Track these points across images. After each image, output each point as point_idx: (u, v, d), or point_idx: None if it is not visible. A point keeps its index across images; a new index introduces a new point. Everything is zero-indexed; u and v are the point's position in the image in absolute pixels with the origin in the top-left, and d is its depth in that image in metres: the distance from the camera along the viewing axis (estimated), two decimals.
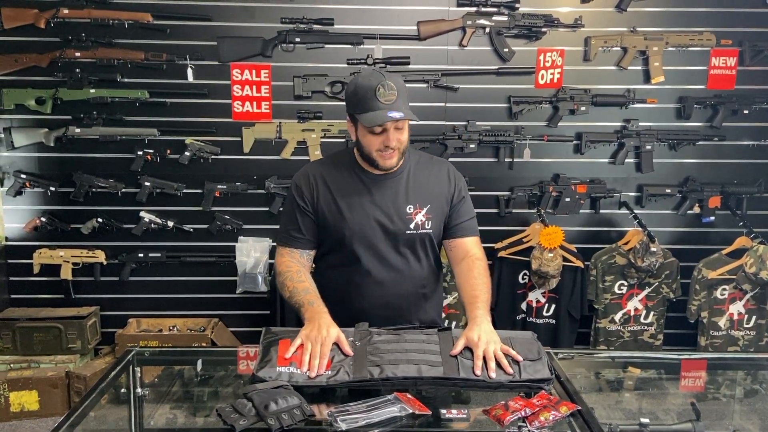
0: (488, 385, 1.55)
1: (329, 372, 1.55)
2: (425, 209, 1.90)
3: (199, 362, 2.05)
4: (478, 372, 1.55)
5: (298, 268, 1.88)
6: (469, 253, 1.94)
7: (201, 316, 3.49)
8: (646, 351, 3.33)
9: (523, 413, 1.42)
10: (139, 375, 1.80)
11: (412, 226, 1.89)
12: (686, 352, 2.43)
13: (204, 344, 3.26)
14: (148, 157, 3.30)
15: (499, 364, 1.58)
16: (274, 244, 3.34)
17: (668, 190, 3.45)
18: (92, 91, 3.25)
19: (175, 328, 3.42)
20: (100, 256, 3.38)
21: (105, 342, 3.46)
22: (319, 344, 1.58)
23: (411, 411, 1.43)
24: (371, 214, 1.88)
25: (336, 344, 1.61)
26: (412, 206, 1.90)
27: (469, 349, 1.62)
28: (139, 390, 1.76)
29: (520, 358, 1.61)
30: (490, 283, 1.92)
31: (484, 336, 1.63)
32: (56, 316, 3.28)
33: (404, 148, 1.85)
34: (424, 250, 1.95)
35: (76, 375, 3.17)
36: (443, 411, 1.46)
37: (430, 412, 1.45)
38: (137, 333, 3.36)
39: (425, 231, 1.91)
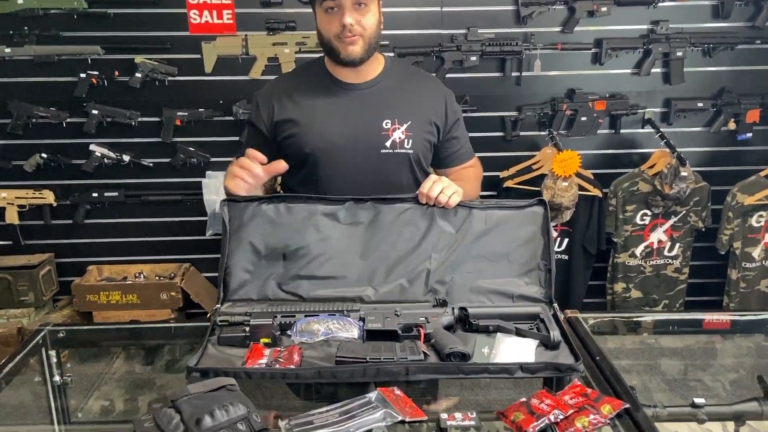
0: (500, 370, 1.18)
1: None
2: (405, 125, 1.65)
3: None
4: (422, 199, 1.49)
5: None
6: None
7: (171, 261, 3.12)
8: (670, 287, 3.01)
9: (552, 418, 1.04)
10: (54, 360, 1.43)
11: (388, 144, 1.65)
12: (738, 314, 2.02)
13: (173, 293, 2.91)
14: (93, 80, 2.84)
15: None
16: None
17: (700, 104, 2.99)
18: (20, 1, 2.74)
19: (142, 275, 3.05)
20: (49, 197, 2.97)
21: (64, 292, 3.10)
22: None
23: (400, 417, 1.05)
24: (338, 128, 1.64)
25: None
26: (389, 121, 1.65)
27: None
28: (57, 378, 1.39)
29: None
30: (478, 190, 1.83)
31: (442, 181, 1.50)
32: (4, 266, 2.94)
33: (370, 35, 1.58)
34: (404, 175, 1.69)
35: (30, 331, 2.83)
36: (444, 416, 1.08)
37: (426, 418, 1.07)
38: (97, 282, 2.99)
39: (404, 150, 1.66)
